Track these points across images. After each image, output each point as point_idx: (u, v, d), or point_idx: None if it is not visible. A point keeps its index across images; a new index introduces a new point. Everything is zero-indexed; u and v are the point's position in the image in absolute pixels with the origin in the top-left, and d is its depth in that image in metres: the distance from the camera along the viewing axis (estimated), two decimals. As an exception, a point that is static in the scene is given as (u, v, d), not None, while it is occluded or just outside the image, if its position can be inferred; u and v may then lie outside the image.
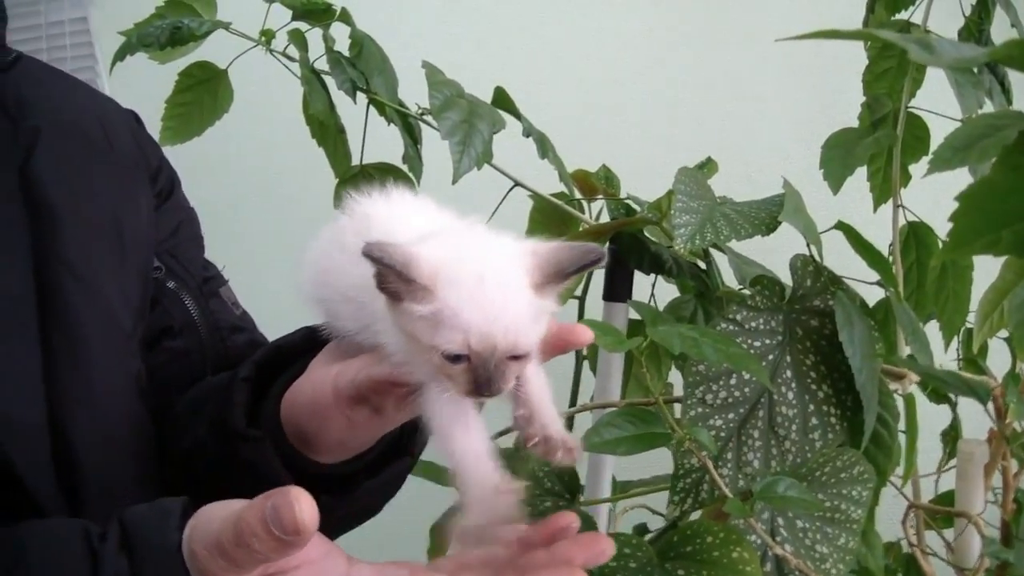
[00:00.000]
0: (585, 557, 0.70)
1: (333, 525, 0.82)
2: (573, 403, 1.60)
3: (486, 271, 0.67)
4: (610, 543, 0.72)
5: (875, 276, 1.25)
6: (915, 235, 1.67)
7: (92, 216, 0.92)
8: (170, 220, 1.05)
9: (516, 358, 0.68)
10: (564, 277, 0.69)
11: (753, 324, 1.11)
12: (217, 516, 0.65)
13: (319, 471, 0.84)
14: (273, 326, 1.04)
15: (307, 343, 0.88)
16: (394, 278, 0.66)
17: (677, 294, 1.56)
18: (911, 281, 1.67)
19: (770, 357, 1.11)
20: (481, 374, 0.66)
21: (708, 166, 1.49)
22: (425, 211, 0.81)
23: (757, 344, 1.10)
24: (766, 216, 1.15)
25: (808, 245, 1.18)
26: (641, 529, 1.50)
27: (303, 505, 0.59)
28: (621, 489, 1.55)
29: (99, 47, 2.87)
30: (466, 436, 0.71)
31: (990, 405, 1.25)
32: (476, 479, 0.69)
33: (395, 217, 0.78)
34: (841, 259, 1.25)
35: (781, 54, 2.20)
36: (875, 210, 1.79)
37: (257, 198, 2.49)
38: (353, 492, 0.87)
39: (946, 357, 1.68)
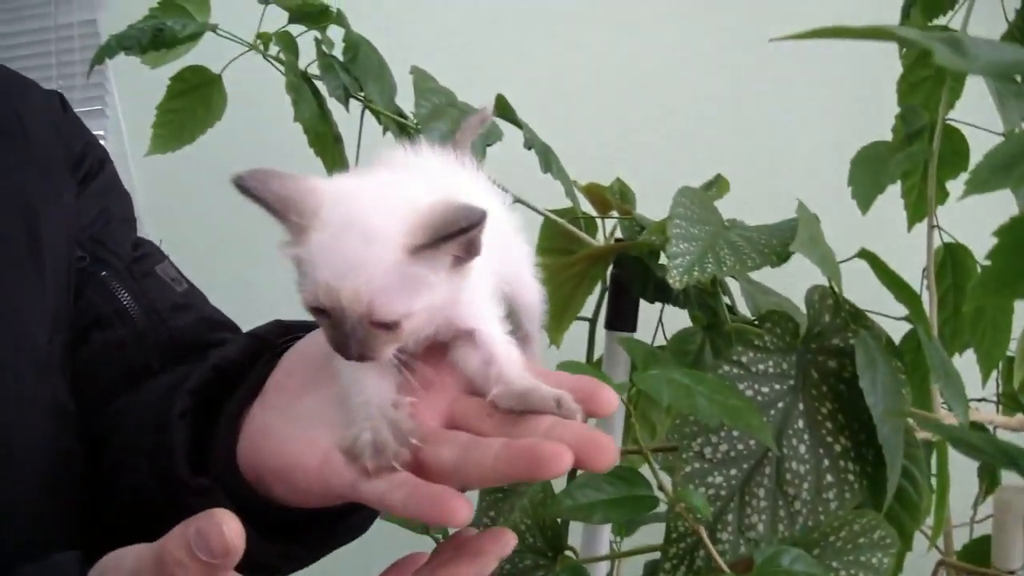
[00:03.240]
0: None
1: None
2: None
3: (355, 220, 0.61)
4: (513, 536, 0.67)
5: (904, 309, 1.13)
6: (952, 257, 1.56)
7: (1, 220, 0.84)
8: (95, 204, 0.96)
9: (383, 326, 0.62)
10: (441, 242, 0.60)
11: (761, 367, 0.98)
12: (130, 556, 0.61)
13: (286, 517, 0.74)
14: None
15: (250, 355, 0.80)
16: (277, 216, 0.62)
17: (689, 321, 1.44)
18: (946, 307, 1.55)
19: (780, 405, 0.97)
20: (335, 334, 0.62)
21: (718, 184, 1.37)
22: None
23: (765, 390, 0.97)
24: (777, 244, 1.02)
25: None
26: (651, 569, 1.37)
27: (230, 525, 0.56)
28: (623, 531, 1.44)
29: (108, 50, 2.81)
30: (376, 373, 0.66)
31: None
32: (370, 403, 0.65)
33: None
34: (868, 289, 1.13)
35: (810, 63, 2.11)
36: (909, 229, 1.67)
37: (252, 209, 2.42)
38: (327, 538, 0.80)
39: (984, 391, 1.57)
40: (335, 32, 1.59)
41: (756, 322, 1.12)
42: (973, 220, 1.22)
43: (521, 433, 0.62)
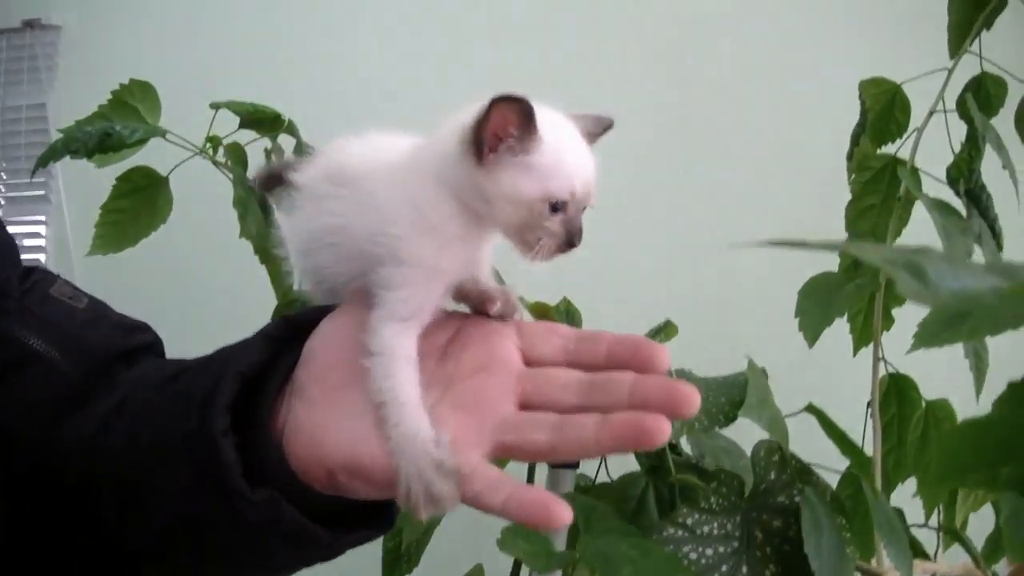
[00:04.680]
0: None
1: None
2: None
3: (569, 125, 0.74)
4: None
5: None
6: (896, 387, 1.56)
7: None
8: None
9: (584, 209, 0.73)
10: (590, 142, 0.75)
11: (706, 528, 0.96)
12: None
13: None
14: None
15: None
16: (514, 127, 0.69)
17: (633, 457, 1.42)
18: (891, 436, 1.55)
19: (724, 568, 0.95)
20: (576, 223, 0.72)
21: (666, 330, 1.37)
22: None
23: (709, 552, 0.95)
24: (726, 403, 1.01)
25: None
26: None
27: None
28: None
29: (55, 134, 2.79)
30: (409, 378, 0.70)
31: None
32: (414, 441, 0.67)
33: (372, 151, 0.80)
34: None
35: (763, 188, 2.14)
36: (855, 354, 1.68)
37: (195, 312, 2.41)
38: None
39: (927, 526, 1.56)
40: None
41: (698, 464, 1.11)
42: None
43: (604, 397, 0.66)
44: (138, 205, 1.63)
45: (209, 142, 1.61)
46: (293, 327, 0.79)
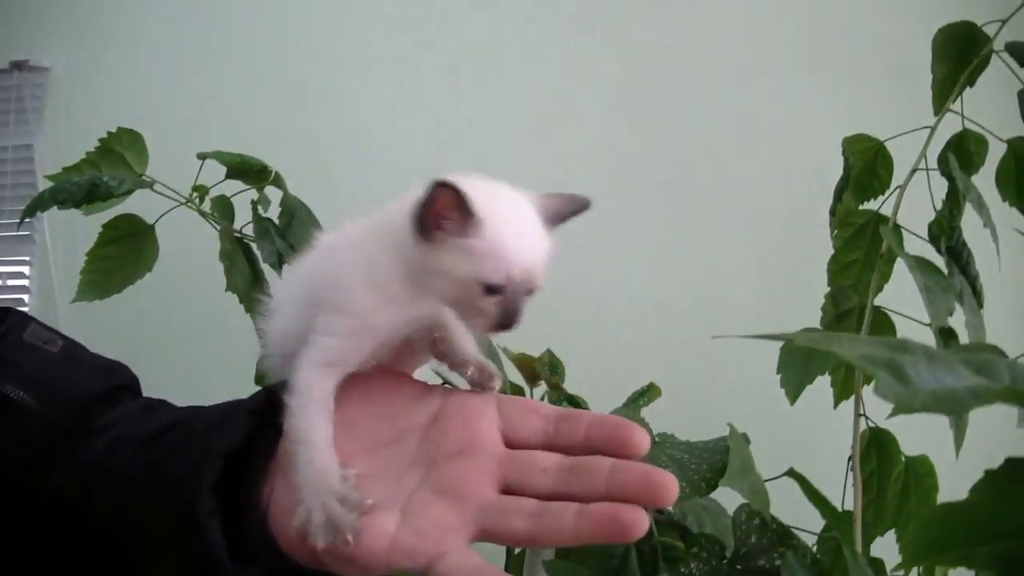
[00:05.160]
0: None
1: None
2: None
3: (521, 209, 0.74)
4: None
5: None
6: (877, 442, 1.57)
7: None
8: None
9: (529, 292, 0.73)
10: (558, 223, 0.76)
11: (687, 594, 0.97)
12: None
13: None
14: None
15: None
16: (453, 211, 0.70)
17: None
18: (871, 490, 1.56)
19: (703, 634, 0.96)
20: (512, 307, 0.72)
21: (649, 392, 1.37)
22: None
23: (690, 618, 0.96)
24: (708, 469, 1.01)
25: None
26: None
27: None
28: None
29: (41, 176, 2.79)
30: (322, 420, 0.72)
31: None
32: (323, 477, 0.69)
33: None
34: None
35: (748, 242, 2.16)
36: (835, 406, 1.68)
37: (180, 362, 2.41)
38: None
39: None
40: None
41: (680, 523, 1.12)
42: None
43: (582, 484, 0.66)
44: (124, 252, 1.64)
45: (195, 191, 1.61)
46: (274, 400, 0.78)
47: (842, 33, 2.45)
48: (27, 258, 2.88)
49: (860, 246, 1.65)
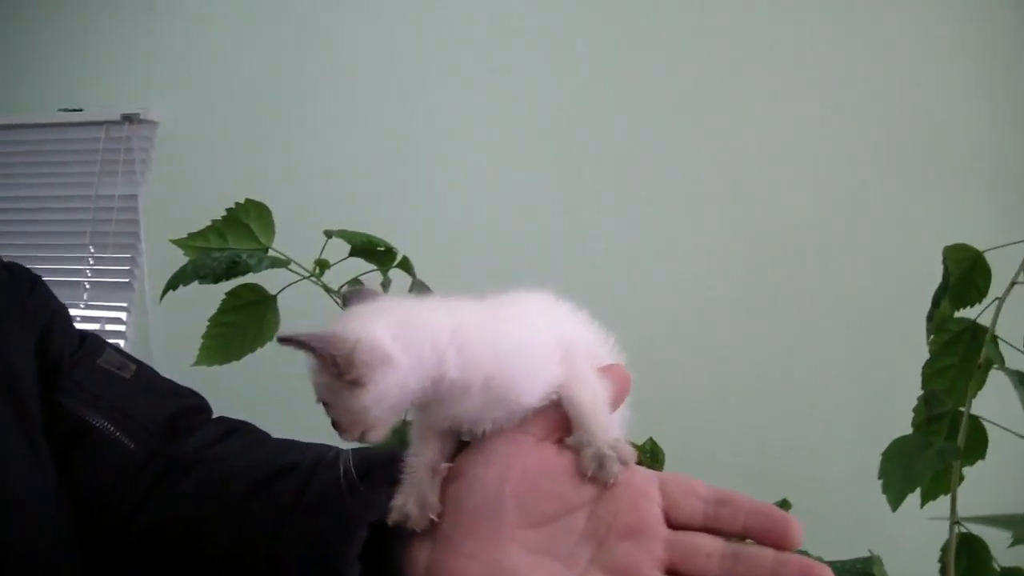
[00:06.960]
0: None
1: None
2: None
3: None
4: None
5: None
6: (968, 548, 1.59)
7: None
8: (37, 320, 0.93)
9: None
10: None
11: None
12: None
13: None
14: None
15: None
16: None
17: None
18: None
19: None
20: None
21: (782, 505, 1.41)
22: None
23: None
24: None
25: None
26: None
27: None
28: None
29: (144, 226, 2.88)
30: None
31: None
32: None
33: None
34: None
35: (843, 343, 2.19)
36: (922, 506, 1.71)
37: (295, 434, 2.44)
38: None
39: None
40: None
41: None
42: (988, 504, 1.28)
43: (746, 573, 0.68)
44: (246, 320, 1.69)
45: (318, 266, 1.67)
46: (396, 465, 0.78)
47: (950, 142, 2.49)
48: (125, 304, 2.97)
49: (956, 352, 1.67)
